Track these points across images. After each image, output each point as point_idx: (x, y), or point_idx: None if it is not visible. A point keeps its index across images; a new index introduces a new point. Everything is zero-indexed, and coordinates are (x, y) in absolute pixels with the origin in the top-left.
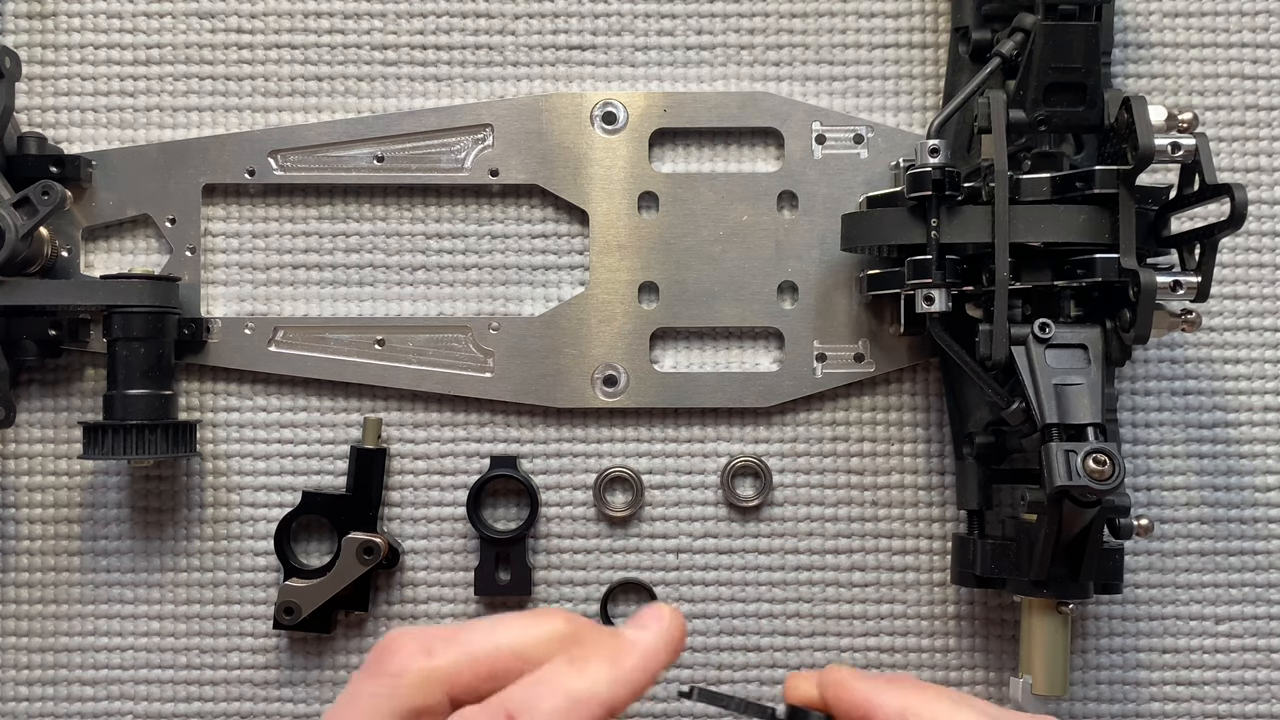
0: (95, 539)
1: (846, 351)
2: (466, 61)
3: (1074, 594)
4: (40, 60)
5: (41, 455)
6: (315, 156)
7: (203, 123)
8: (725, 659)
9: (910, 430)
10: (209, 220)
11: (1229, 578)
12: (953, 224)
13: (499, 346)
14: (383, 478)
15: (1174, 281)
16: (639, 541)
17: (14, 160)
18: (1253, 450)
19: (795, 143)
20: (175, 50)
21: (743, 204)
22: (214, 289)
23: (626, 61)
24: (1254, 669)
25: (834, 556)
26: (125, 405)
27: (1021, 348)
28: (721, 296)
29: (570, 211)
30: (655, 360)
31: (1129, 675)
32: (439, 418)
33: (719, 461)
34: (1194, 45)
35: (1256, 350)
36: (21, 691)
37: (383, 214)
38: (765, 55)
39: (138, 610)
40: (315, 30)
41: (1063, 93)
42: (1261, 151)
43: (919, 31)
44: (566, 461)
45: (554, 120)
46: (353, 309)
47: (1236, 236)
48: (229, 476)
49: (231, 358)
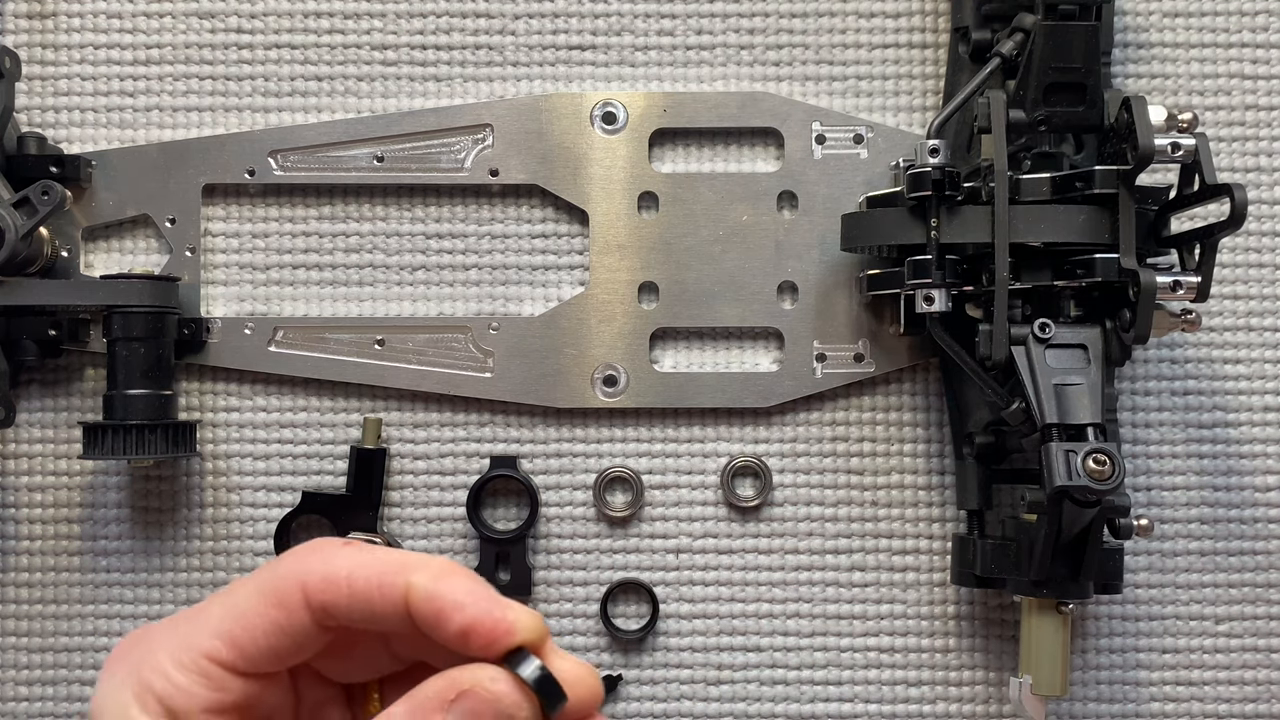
0: (95, 539)
1: (846, 351)
2: (466, 61)
3: (1074, 594)
4: (40, 60)
5: (41, 455)
6: (315, 156)
7: (203, 123)
8: (725, 659)
9: (910, 430)
10: (209, 220)
11: (1229, 578)
12: (953, 224)
13: (499, 346)
14: (383, 478)
15: (1174, 281)
16: (639, 541)
17: (14, 160)
18: (1253, 450)
19: (795, 143)
20: (175, 50)
21: (743, 204)
22: (214, 289)
23: (626, 61)
24: (1254, 669)
25: (834, 556)
26: (125, 405)
27: (1021, 348)
28: (721, 296)
29: (570, 211)
30: (655, 360)
31: (1129, 675)
32: (439, 418)
33: (719, 461)
34: (1194, 45)
35: (1256, 350)
36: (21, 691)
37: (383, 214)
38: (765, 55)
39: (138, 610)
40: (315, 30)
41: (1063, 93)
42: (1261, 151)
43: (919, 31)
44: (566, 461)
45: (554, 120)
46: (353, 309)
47: (1236, 236)
48: (229, 476)
49: (231, 358)
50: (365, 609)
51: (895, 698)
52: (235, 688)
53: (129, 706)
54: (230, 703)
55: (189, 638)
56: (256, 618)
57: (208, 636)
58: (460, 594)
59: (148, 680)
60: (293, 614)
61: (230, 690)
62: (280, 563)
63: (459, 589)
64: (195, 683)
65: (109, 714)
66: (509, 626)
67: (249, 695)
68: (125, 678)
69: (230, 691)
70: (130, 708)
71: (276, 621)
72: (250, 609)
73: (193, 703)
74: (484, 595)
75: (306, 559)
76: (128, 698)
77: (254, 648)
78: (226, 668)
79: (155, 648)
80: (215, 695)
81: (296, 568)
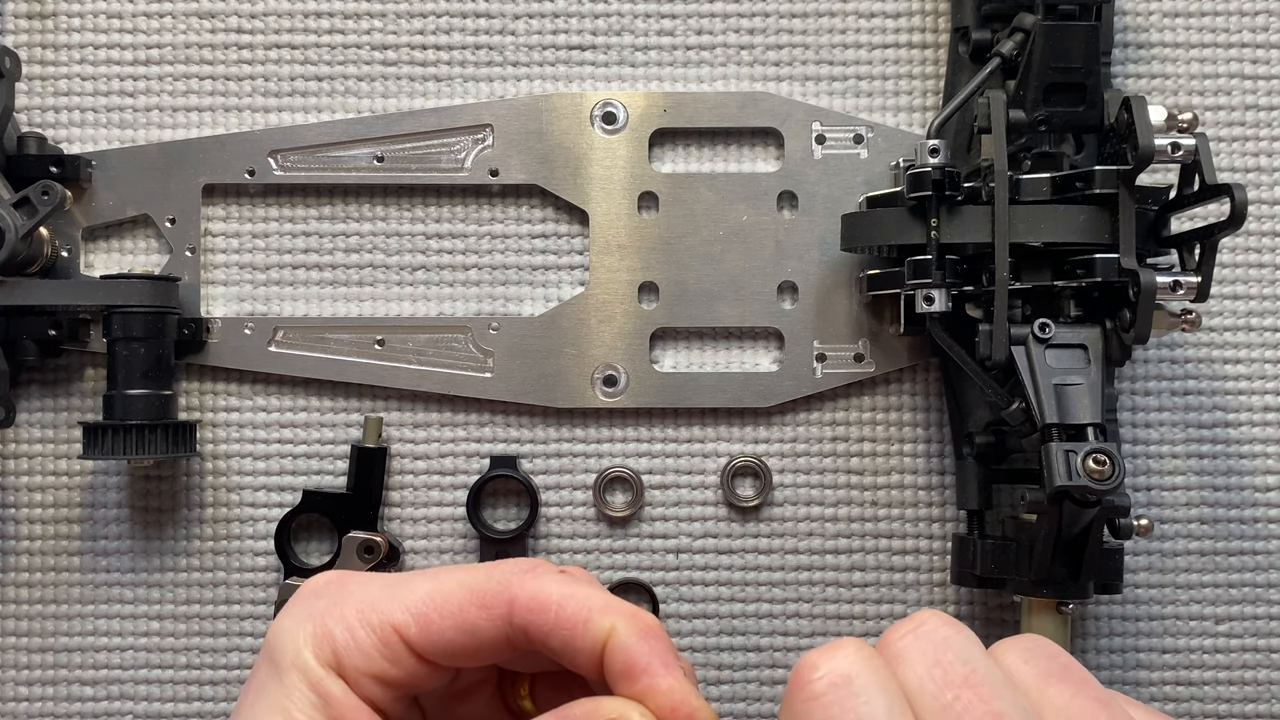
0: (95, 539)
1: (846, 351)
2: (466, 61)
3: (1074, 594)
4: (40, 60)
5: (41, 455)
6: (315, 156)
7: (203, 123)
8: (725, 659)
9: (910, 430)
10: (209, 220)
11: (1229, 578)
12: (953, 224)
13: (499, 346)
14: (383, 477)
15: (1174, 281)
16: (639, 541)
17: (14, 160)
18: (1253, 450)
19: (795, 143)
20: (175, 50)
21: (743, 204)
22: (214, 289)
23: (626, 61)
24: (1254, 669)
25: (834, 556)
26: (125, 405)
27: (1021, 348)
28: (721, 296)
29: (570, 211)
30: (655, 360)
31: (1129, 675)
32: (439, 418)
33: (719, 461)
34: (1194, 45)
35: (1256, 350)
36: (21, 691)
37: (383, 214)
38: (765, 55)
39: (138, 610)
40: (315, 30)
41: (1063, 93)
42: (1261, 151)
43: (919, 31)
44: (566, 461)
45: (554, 120)
46: (353, 309)
47: (1236, 236)
48: (229, 476)
49: (231, 358)
50: (565, 640)
51: None
52: (407, 665)
53: (304, 646)
54: (396, 677)
55: (383, 603)
56: (455, 611)
57: (401, 610)
58: (657, 661)
59: (329, 628)
60: (493, 621)
61: (402, 666)
62: (496, 568)
63: (658, 654)
64: (374, 647)
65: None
66: (690, 713)
67: (416, 676)
68: (309, 617)
69: (402, 667)
70: (305, 648)
71: (474, 623)
72: (452, 600)
73: (365, 664)
74: (678, 673)
75: (522, 575)
76: (306, 636)
77: (441, 638)
78: (408, 644)
79: (347, 599)
80: (386, 666)
81: (511, 580)
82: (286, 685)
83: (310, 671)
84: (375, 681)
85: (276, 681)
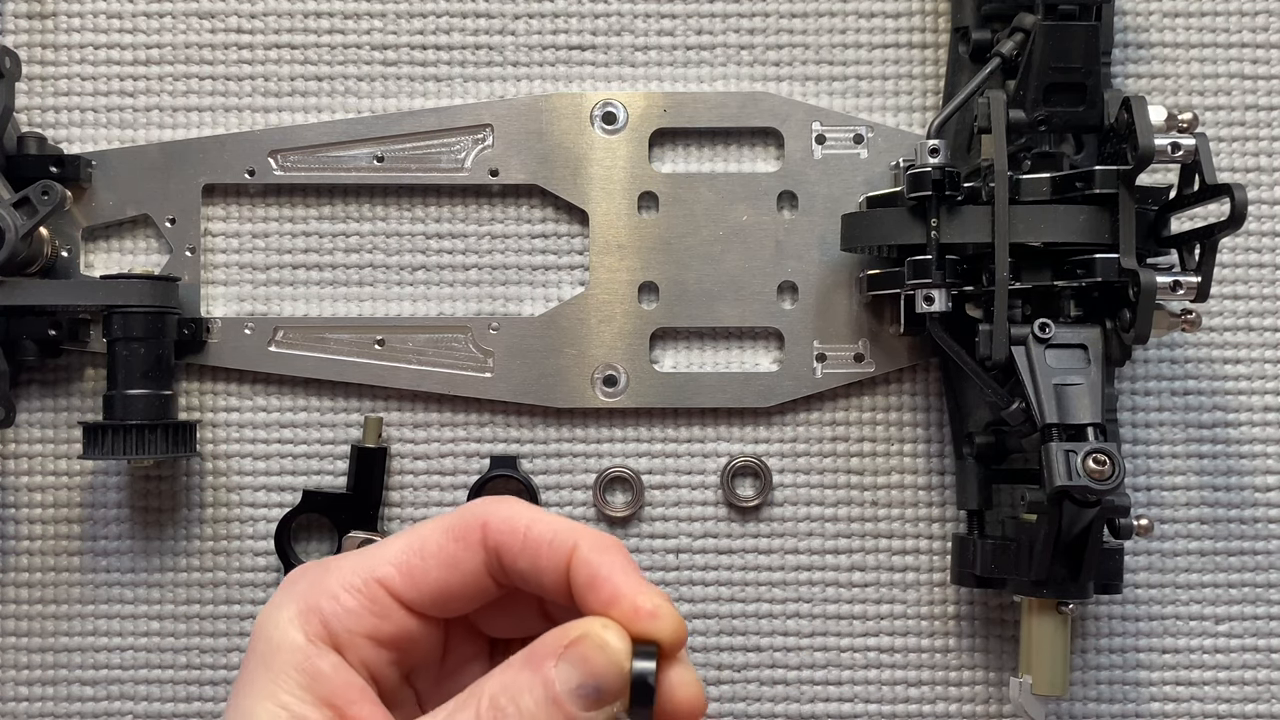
0: (95, 539)
1: (846, 351)
2: (466, 61)
3: (1074, 594)
4: (40, 60)
5: (41, 455)
6: (315, 156)
7: (203, 123)
8: (725, 659)
9: (910, 430)
10: (209, 220)
11: (1229, 578)
12: (953, 224)
13: (499, 346)
14: (383, 477)
15: (1174, 281)
16: (639, 541)
17: (14, 160)
18: (1253, 450)
19: (795, 143)
20: (175, 50)
21: (743, 204)
22: (214, 289)
23: (626, 61)
24: (1254, 669)
25: (834, 556)
26: (125, 405)
27: (1021, 348)
28: (721, 296)
29: (570, 211)
30: (655, 360)
31: (1129, 675)
32: (439, 418)
33: (719, 461)
34: (1194, 45)
35: (1256, 350)
36: (21, 691)
37: (383, 214)
38: (765, 55)
39: (138, 610)
40: (315, 30)
41: (1063, 93)
42: (1261, 151)
43: (919, 31)
44: (566, 461)
45: (554, 120)
46: (353, 309)
47: (1236, 236)
48: (229, 476)
49: (231, 358)
50: (532, 559)
51: (895, 698)
52: (397, 618)
53: (289, 626)
54: (388, 634)
55: (364, 562)
56: (435, 551)
57: (383, 564)
58: (618, 570)
59: (314, 601)
60: (469, 549)
61: (392, 620)
62: (467, 506)
63: (618, 564)
64: (361, 605)
65: (268, 633)
66: (652, 611)
67: (408, 631)
68: (291, 600)
69: (392, 621)
70: (290, 627)
71: (453, 555)
72: (430, 540)
73: (356, 624)
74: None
75: (493, 504)
76: (290, 616)
77: (426, 581)
78: (395, 596)
79: (328, 574)
80: (377, 622)
81: (481, 509)
82: (273, 670)
83: (297, 651)
84: (368, 642)
85: (263, 669)
